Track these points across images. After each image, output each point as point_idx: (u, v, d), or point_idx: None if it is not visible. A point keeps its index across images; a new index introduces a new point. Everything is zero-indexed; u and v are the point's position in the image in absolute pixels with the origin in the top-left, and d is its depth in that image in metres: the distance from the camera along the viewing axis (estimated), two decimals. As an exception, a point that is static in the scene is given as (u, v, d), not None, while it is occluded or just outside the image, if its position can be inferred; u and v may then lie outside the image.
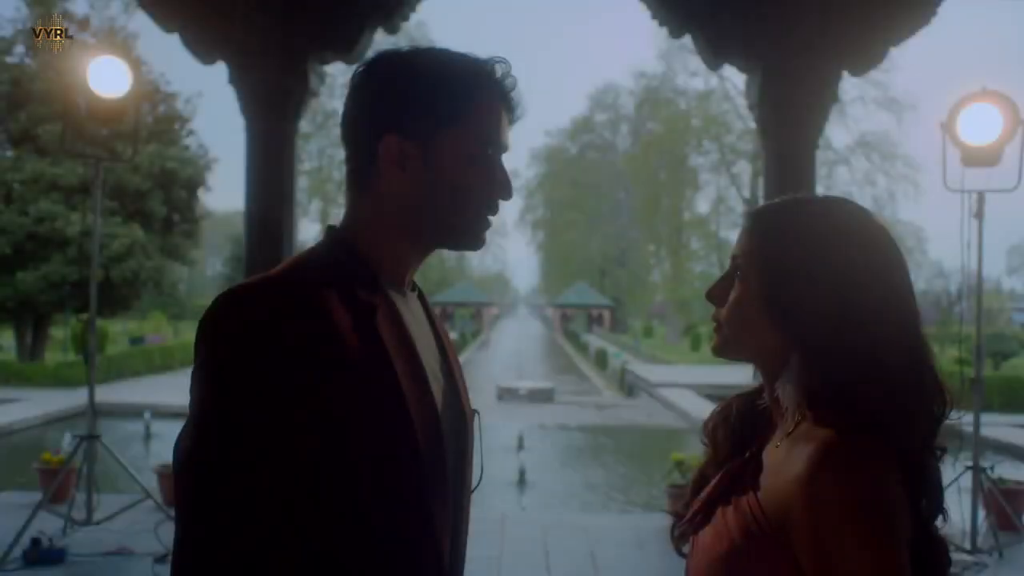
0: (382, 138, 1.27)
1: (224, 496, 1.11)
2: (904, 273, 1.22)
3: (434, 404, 1.25)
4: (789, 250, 1.21)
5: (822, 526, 1.08)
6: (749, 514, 1.16)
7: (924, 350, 1.19)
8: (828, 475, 1.09)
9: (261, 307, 1.18)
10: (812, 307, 1.18)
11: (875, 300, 1.18)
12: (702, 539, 1.23)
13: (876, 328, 1.17)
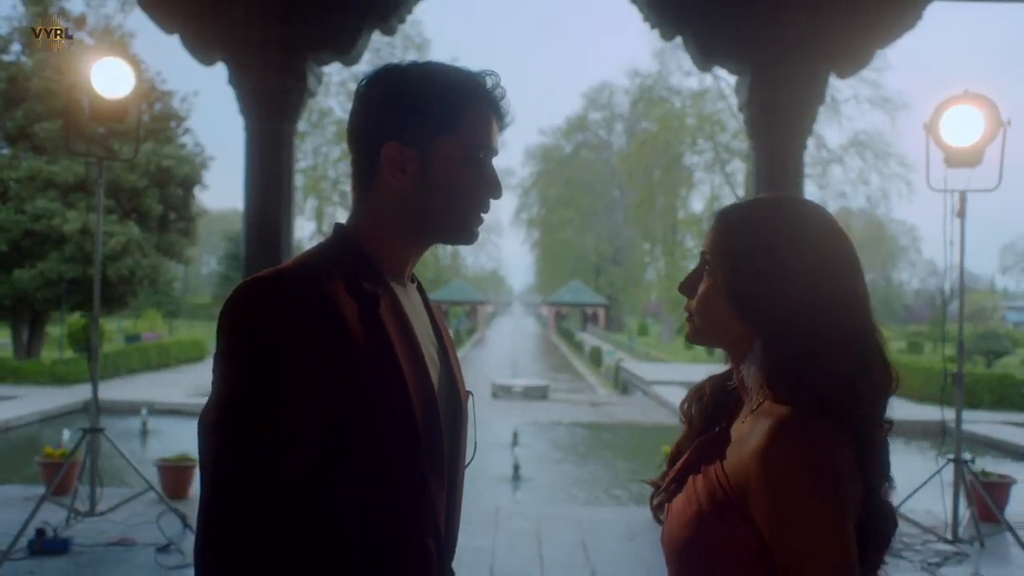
0: (384, 144, 1.40)
1: (243, 460, 1.24)
2: (855, 269, 1.36)
3: (431, 385, 1.38)
4: (750, 248, 1.35)
5: (776, 491, 1.22)
6: (715, 482, 1.30)
7: (872, 336, 1.32)
8: (782, 447, 1.23)
9: (275, 297, 1.32)
10: (770, 299, 1.32)
11: (827, 293, 1.31)
12: (675, 505, 1.36)
13: (827, 318, 1.30)
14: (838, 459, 1.24)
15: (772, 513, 1.22)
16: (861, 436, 1.28)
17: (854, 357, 1.30)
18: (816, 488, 1.21)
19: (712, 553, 1.28)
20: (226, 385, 1.28)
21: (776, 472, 1.22)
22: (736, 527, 1.26)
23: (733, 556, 1.26)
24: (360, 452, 1.28)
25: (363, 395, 1.29)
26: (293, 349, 1.26)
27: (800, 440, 1.23)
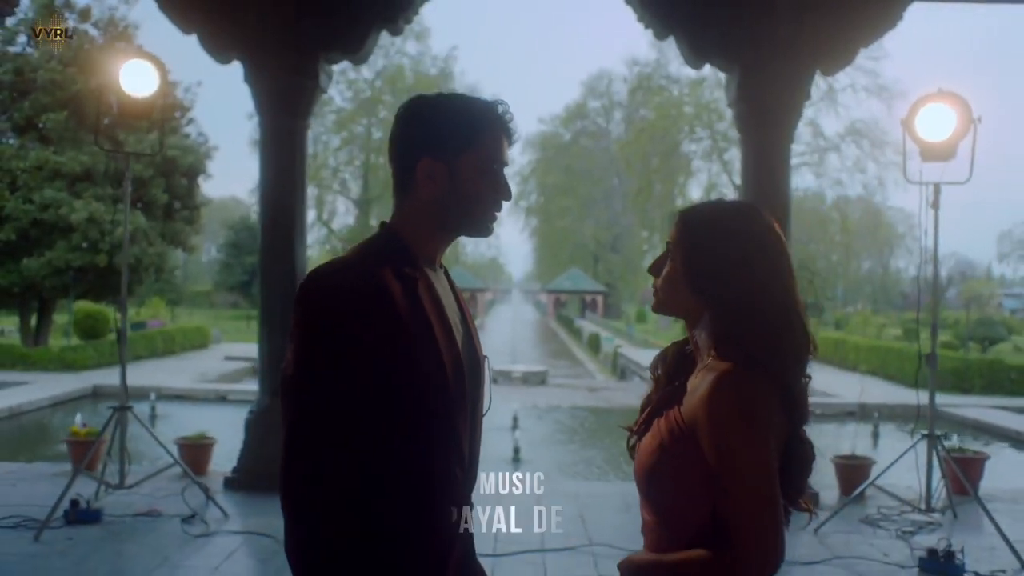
0: (419, 160, 1.80)
1: (315, 403, 1.64)
2: (783, 259, 1.75)
3: (457, 348, 1.78)
4: (703, 242, 1.75)
5: (717, 427, 1.62)
6: (674, 421, 1.70)
7: (795, 310, 1.72)
8: (722, 393, 1.63)
9: (339, 281, 1.71)
10: (717, 282, 1.72)
11: (760, 277, 1.71)
12: (644, 442, 1.76)
13: (760, 296, 1.70)
14: (764, 403, 1.64)
15: (713, 443, 1.62)
16: (785, 387, 1.68)
17: (780, 326, 1.70)
18: (746, 425, 1.61)
19: (671, 474, 1.69)
20: (302, 348, 1.67)
21: (717, 412, 1.62)
22: (689, 454, 1.66)
23: (686, 476, 1.66)
24: (403, 397, 1.67)
25: (406, 355, 1.68)
26: (353, 321, 1.65)
27: (735, 388, 1.63)
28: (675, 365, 1.84)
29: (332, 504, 1.60)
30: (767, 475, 1.61)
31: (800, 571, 5.58)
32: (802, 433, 1.74)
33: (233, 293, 61.02)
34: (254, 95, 7.45)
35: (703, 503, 1.64)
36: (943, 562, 5.48)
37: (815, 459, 1.77)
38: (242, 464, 7.36)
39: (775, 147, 7.42)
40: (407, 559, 1.67)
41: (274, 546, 5.79)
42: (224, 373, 23.73)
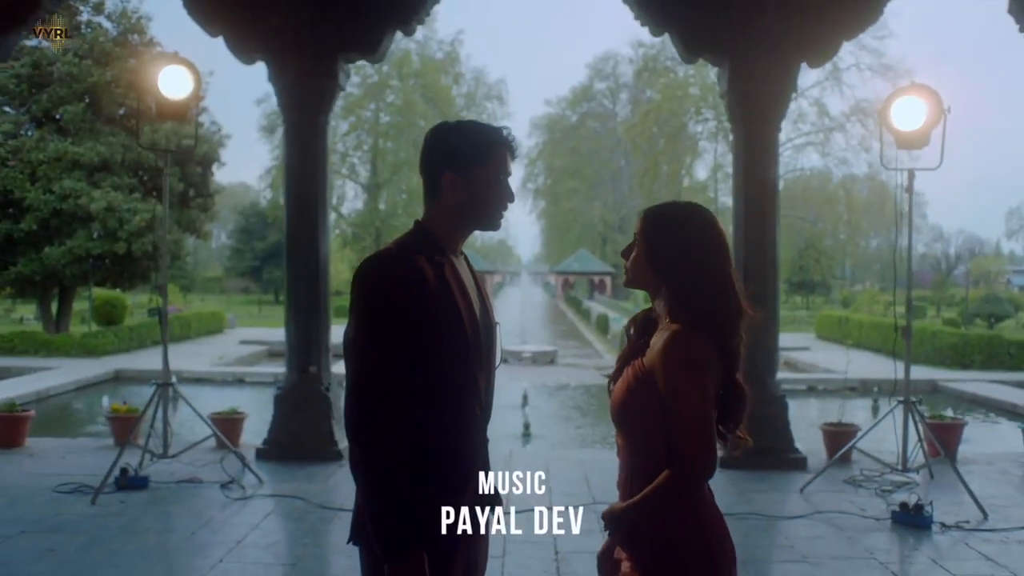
0: (443, 174, 2.35)
1: (370, 362, 2.19)
2: (722, 246, 2.30)
3: (475, 315, 2.33)
4: (658, 232, 2.30)
5: (668, 371, 2.17)
6: (639, 369, 2.25)
7: (731, 285, 2.27)
8: (673, 347, 2.18)
9: (387, 266, 2.27)
10: (670, 263, 2.27)
11: (702, 260, 2.26)
12: (617, 385, 2.32)
13: (702, 274, 2.25)
14: (704, 355, 2.20)
15: (665, 384, 2.18)
16: (722, 343, 2.23)
17: (718, 298, 2.25)
18: (690, 371, 2.17)
19: (636, 408, 2.24)
20: (360, 318, 2.22)
21: (669, 362, 2.18)
22: (649, 393, 2.21)
23: (647, 410, 2.22)
24: (434, 351, 2.22)
25: (437, 321, 2.23)
26: (397, 296, 2.21)
27: (683, 344, 2.19)
28: (642, 327, 2.40)
29: (384, 429, 2.15)
30: (704, 408, 2.17)
31: (784, 524, 6.15)
32: (737, 379, 2.30)
33: (244, 279, 61.63)
34: (277, 93, 8.00)
35: (659, 430, 2.20)
36: (913, 514, 6.04)
37: (748, 398, 2.34)
38: (272, 436, 7.96)
39: (763, 135, 7.94)
40: (442, 468, 2.23)
41: (305, 507, 6.40)
42: (240, 356, 24.37)
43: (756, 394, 7.81)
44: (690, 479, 2.16)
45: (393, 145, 54.99)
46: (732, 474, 7.45)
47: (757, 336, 7.79)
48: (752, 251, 7.87)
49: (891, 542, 5.77)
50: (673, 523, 2.21)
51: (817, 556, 5.46)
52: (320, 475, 7.29)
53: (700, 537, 2.23)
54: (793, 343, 28.64)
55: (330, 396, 7.95)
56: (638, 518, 2.23)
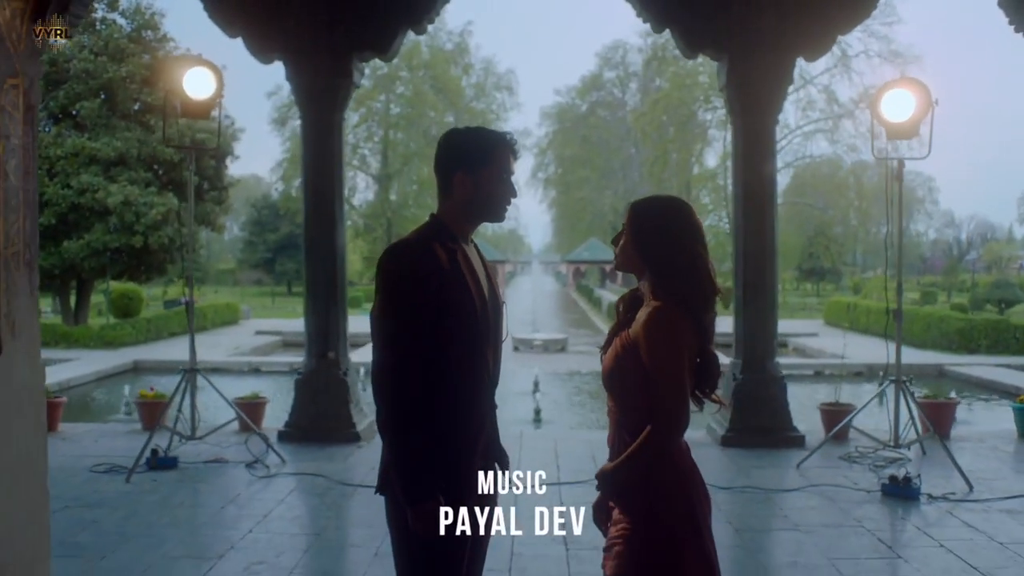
0: (455, 174, 2.69)
1: (395, 336, 2.54)
2: (697, 235, 2.63)
3: (484, 294, 2.68)
4: (643, 222, 2.64)
5: (649, 341, 2.51)
6: (625, 340, 2.60)
7: (705, 269, 2.60)
8: (654, 320, 2.52)
9: (407, 253, 2.62)
10: (654, 249, 2.61)
11: (680, 245, 2.60)
12: (607, 354, 2.66)
13: (681, 258, 2.59)
14: (681, 328, 2.54)
15: (647, 352, 2.52)
16: (696, 318, 2.57)
17: (693, 279, 2.59)
18: (667, 341, 2.51)
19: (622, 374, 2.59)
20: (384, 296, 2.57)
21: (650, 333, 2.52)
22: (633, 359, 2.55)
23: (632, 375, 2.56)
24: (446, 325, 2.57)
25: (450, 299, 2.58)
26: (416, 278, 2.55)
27: (662, 318, 2.53)
28: (629, 304, 2.74)
29: (405, 395, 2.51)
30: (679, 373, 2.52)
31: (779, 496, 6.49)
32: (710, 348, 2.64)
33: (257, 270, 62.02)
34: (294, 92, 8.36)
35: (642, 393, 2.55)
36: (902, 487, 6.38)
37: (720, 366, 2.68)
38: (293, 419, 8.33)
39: (762, 126, 8.26)
40: (455, 427, 2.59)
41: (326, 484, 6.77)
42: (256, 347, 24.80)
43: (756, 376, 8.26)
44: (667, 434, 2.50)
45: (403, 136, 55.24)
46: (733, 452, 7.80)
47: (757, 322, 8.18)
48: (751, 240, 8.20)
49: (880, 512, 6.10)
50: (656, 472, 2.55)
51: (809, 525, 5.81)
52: (339, 455, 7.67)
53: (679, 482, 2.58)
54: (802, 329, 28.92)
55: (348, 381, 8.32)
56: (626, 472, 2.58)
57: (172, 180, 24.69)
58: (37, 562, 3.22)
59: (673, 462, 2.58)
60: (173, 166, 24.41)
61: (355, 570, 4.96)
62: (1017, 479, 6.89)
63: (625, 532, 2.61)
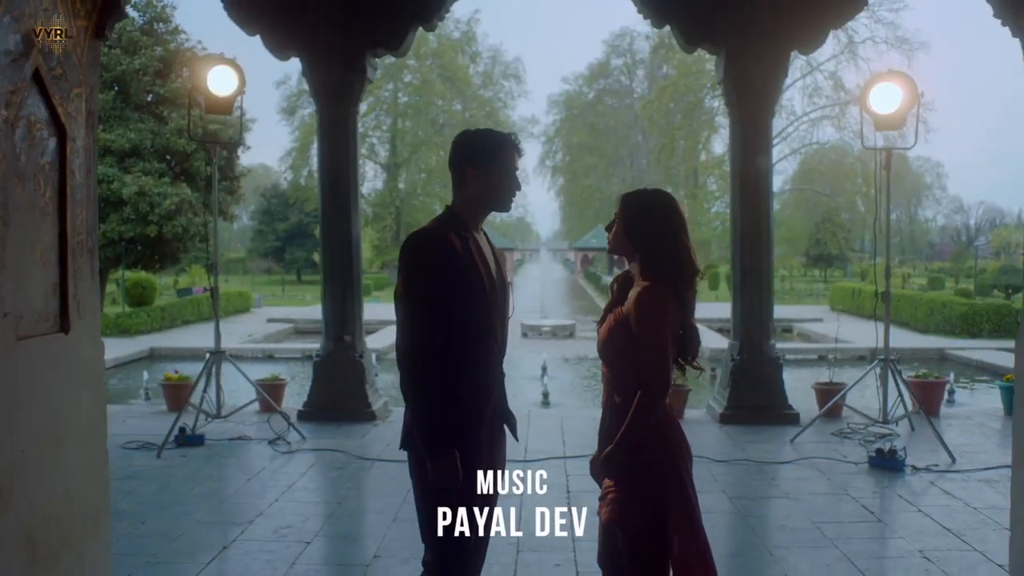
0: (467, 169, 3.08)
1: (416, 311, 2.94)
2: (680, 223, 3.02)
3: (492, 274, 3.07)
4: (633, 212, 3.03)
5: (638, 315, 2.90)
6: (618, 314, 2.98)
7: (687, 253, 2.99)
8: (643, 297, 2.91)
9: (426, 239, 3.01)
10: (643, 236, 2.99)
11: (665, 232, 2.98)
12: (602, 327, 3.05)
13: (666, 243, 2.97)
14: (665, 304, 2.92)
15: (636, 325, 2.91)
16: (679, 295, 2.96)
17: (676, 262, 2.97)
18: (653, 316, 2.90)
19: (615, 345, 2.97)
20: (406, 276, 2.96)
21: (639, 308, 2.91)
22: (625, 333, 2.94)
23: (623, 346, 2.95)
24: (460, 301, 2.95)
25: (463, 279, 2.97)
26: (433, 261, 2.95)
27: (649, 295, 2.92)
28: (622, 284, 3.13)
29: (425, 362, 2.90)
30: (663, 344, 2.90)
31: (772, 468, 6.88)
32: (691, 322, 3.03)
33: (266, 259, 62.49)
34: (311, 87, 8.74)
35: (631, 361, 2.93)
36: (887, 459, 6.76)
37: (699, 336, 3.07)
38: (311, 399, 8.75)
39: (758, 118, 8.62)
40: (468, 391, 2.98)
41: (345, 459, 7.19)
42: (269, 334, 25.27)
43: (753, 357, 8.74)
44: (653, 396, 2.89)
45: (412, 124, 55.55)
46: (731, 428, 8.19)
47: (753, 306, 8.57)
48: (748, 226, 8.56)
49: (865, 482, 6.48)
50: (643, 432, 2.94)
51: (798, 493, 6.20)
52: (356, 432, 8.08)
53: (662, 439, 2.97)
54: (807, 315, 29.30)
55: (363, 363, 8.73)
56: (626, 445, 2.96)
57: (185, 171, 25.08)
58: (101, 513, 3.62)
59: (659, 421, 2.97)
60: (185, 157, 24.79)
61: (375, 533, 5.36)
62: (999, 452, 7.25)
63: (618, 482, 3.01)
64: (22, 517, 3.00)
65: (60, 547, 3.27)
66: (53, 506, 3.23)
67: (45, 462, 3.17)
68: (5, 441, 2.91)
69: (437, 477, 2.91)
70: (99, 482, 3.66)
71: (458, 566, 3.04)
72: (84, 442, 3.49)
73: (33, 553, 3.07)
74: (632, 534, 2.98)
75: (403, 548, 4.96)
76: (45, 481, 3.17)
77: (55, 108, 3.21)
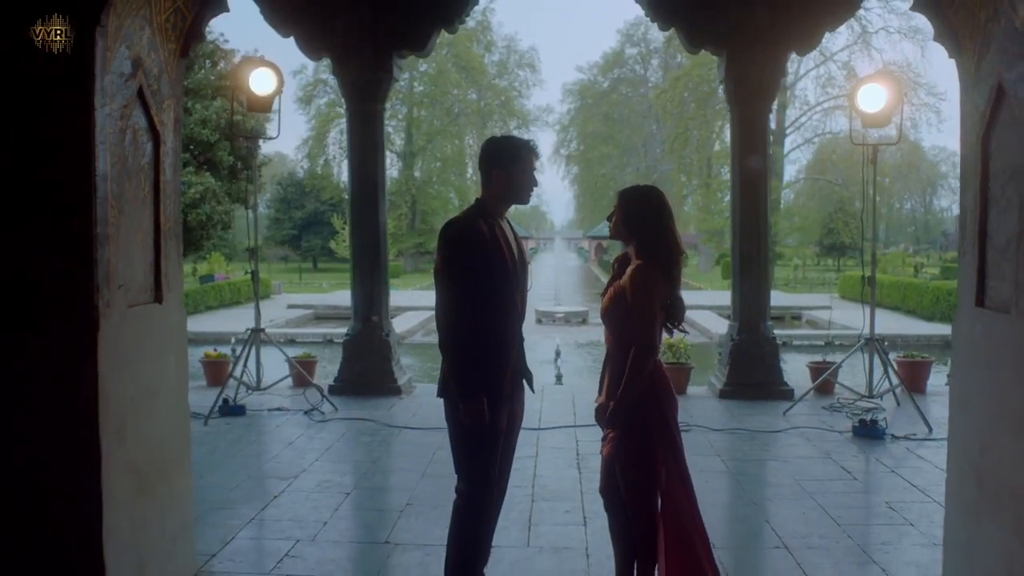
0: (493, 169, 3.75)
1: (451, 284, 3.62)
2: (668, 213, 3.69)
3: (514, 256, 3.75)
4: (628, 205, 3.70)
5: (632, 288, 3.57)
6: (617, 288, 3.66)
7: (674, 239, 3.66)
8: (636, 273, 3.58)
9: (460, 226, 3.69)
10: (637, 224, 3.66)
11: (655, 221, 3.65)
12: (604, 298, 3.73)
13: (656, 229, 3.64)
14: (655, 279, 3.59)
15: (631, 297, 3.58)
16: (666, 272, 3.63)
17: (664, 245, 3.64)
18: (645, 289, 3.57)
19: (614, 313, 3.65)
20: (444, 255, 3.64)
21: (633, 282, 3.58)
22: (622, 303, 3.62)
23: (621, 314, 3.62)
24: (487, 278, 3.63)
25: (489, 258, 3.65)
26: (465, 243, 3.62)
27: (642, 273, 3.59)
28: (621, 262, 3.80)
29: (459, 324, 3.58)
30: (652, 312, 3.58)
31: (765, 437, 7.54)
32: (677, 294, 3.70)
33: (283, 247, 63.21)
34: (340, 86, 9.42)
35: (628, 325, 3.61)
36: (869, 428, 7.42)
37: (684, 304, 3.74)
38: (341, 375, 9.47)
39: (758, 115, 9.24)
40: (493, 348, 3.66)
41: (375, 427, 7.89)
42: (290, 319, 26.01)
43: (751, 337, 9.49)
44: (645, 354, 3.57)
45: (427, 114, 56.11)
46: (729, 403, 8.86)
47: (751, 290, 9.26)
48: (746, 216, 9.21)
49: (847, 448, 7.14)
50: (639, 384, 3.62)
51: (785, 456, 6.88)
52: (383, 404, 8.79)
53: (653, 389, 3.64)
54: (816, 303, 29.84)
55: (389, 341, 9.43)
56: (625, 399, 3.62)
57: (208, 160, 25.79)
58: (184, 456, 4.33)
59: (650, 375, 3.64)
60: (209, 147, 25.50)
61: (406, 487, 6.05)
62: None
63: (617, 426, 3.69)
64: (130, 452, 3.71)
65: (157, 479, 3.98)
66: (151, 445, 3.93)
67: (145, 409, 3.88)
68: (121, 388, 3.61)
69: (468, 418, 3.59)
70: (183, 429, 4.37)
71: (483, 490, 3.73)
72: (173, 395, 4.20)
73: (138, 481, 3.78)
74: (627, 465, 3.66)
75: (432, 498, 5.65)
76: (145, 424, 3.87)
77: (152, 118, 3.90)
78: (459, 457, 3.75)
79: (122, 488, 3.63)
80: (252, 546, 4.94)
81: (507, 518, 4.89)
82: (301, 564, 4.61)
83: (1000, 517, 3.61)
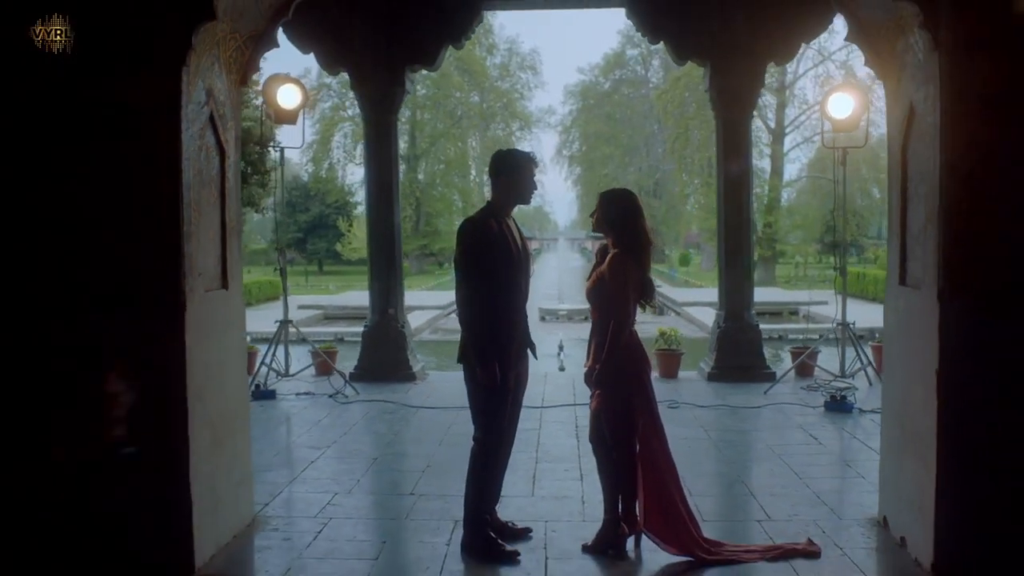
0: (500, 177, 4.61)
1: (468, 271, 4.47)
2: (639, 214, 4.54)
3: (519, 249, 4.60)
4: (606, 205, 4.56)
5: (610, 273, 4.43)
6: (599, 273, 4.51)
7: (644, 234, 4.51)
8: (611, 260, 4.44)
9: (474, 223, 4.55)
10: (613, 221, 4.51)
11: (628, 217, 4.50)
12: (588, 281, 4.58)
13: (629, 225, 4.49)
14: (628, 265, 4.45)
15: (608, 279, 4.43)
16: (638, 259, 4.48)
17: (635, 236, 4.49)
18: (619, 273, 4.42)
19: (596, 293, 4.50)
20: (462, 250, 4.49)
21: (610, 268, 4.43)
22: (602, 284, 4.46)
23: (601, 294, 4.47)
24: (497, 268, 4.48)
25: (498, 250, 4.49)
26: (479, 239, 4.47)
27: (617, 260, 4.44)
28: (602, 252, 4.65)
29: (475, 303, 4.43)
30: (625, 291, 4.43)
31: (744, 411, 8.38)
32: (648, 277, 4.55)
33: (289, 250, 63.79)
34: (358, 97, 10.29)
35: (607, 302, 4.45)
36: (838, 403, 8.26)
37: (655, 286, 4.58)
38: (360, 364, 10.33)
39: (739, 121, 10.09)
40: (502, 324, 4.51)
41: (394, 407, 8.74)
42: (300, 319, 26.70)
43: (736, 324, 10.48)
44: (620, 327, 4.43)
45: (430, 116, 56.81)
46: (716, 384, 9.70)
47: (735, 282, 10.12)
48: (731, 216, 10.05)
49: (817, 419, 7.99)
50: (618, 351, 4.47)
51: (760, 427, 7.74)
52: (400, 389, 9.65)
53: (630, 356, 4.49)
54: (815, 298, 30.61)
55: (404, 332, 10.28)
56: (606, 362, 4.47)
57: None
58: (243, 419, 5.18)
59: (627, 343, 4.48)
60: (223, 153, 26.34)
61: (426, 454, 6.90)
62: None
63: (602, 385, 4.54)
64: (208, 409, 4.57)
65: (225, 435, 4.84)
66: (221, 406, 4.79)
67: (216, 377, 4.73)
68: (202, 357, 4.47)
69: (483, 379, 4.45)
70: (243, 395, 5.25)
71: (495, 437, 4.59)
72: (236, 366, 5.06)
73: (213, 434, 4.64)
74: (611, 416, 4.53)
75: (448, 462, 6.49)
76: (217, 389, 4.73)
77: (220, 137, 4.76)
78: (476, 411, 4.61)
79: (202, 438, 4.48)
80: (298, 497, 5.81)
81: (514, 475, 5.74)
82: (340, 510, 5.47)
83: (915, 453, 4.47)
